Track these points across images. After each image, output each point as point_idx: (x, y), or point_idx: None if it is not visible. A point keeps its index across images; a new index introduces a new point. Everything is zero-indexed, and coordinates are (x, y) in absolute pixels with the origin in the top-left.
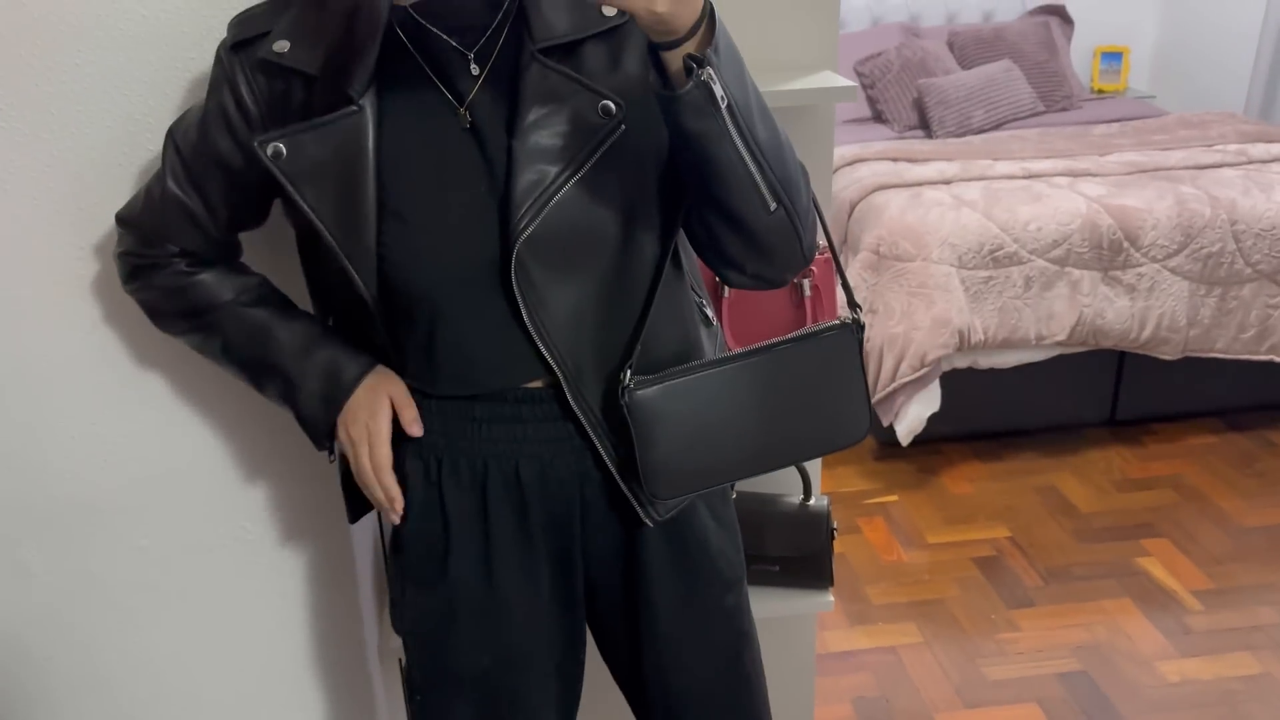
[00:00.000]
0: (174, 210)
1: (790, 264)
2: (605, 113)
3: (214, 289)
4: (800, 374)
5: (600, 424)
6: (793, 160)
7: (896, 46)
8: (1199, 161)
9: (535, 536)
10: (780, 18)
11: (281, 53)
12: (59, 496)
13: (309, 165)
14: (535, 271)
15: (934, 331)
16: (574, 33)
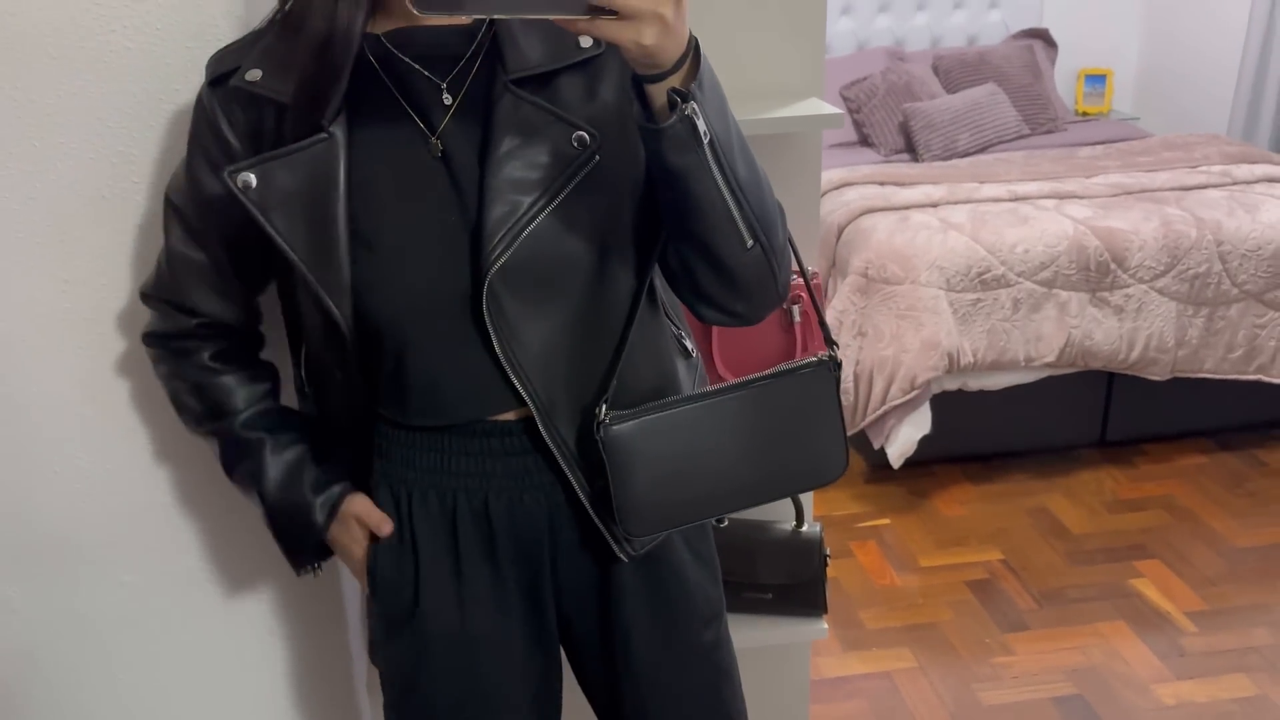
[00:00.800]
0: (183, 270)
1: (765, 302)
2: (579, 143)
3: (230, 394)
4: (776, 411)
5: (574, 458)
6: (771, 198)
7: (882, 71)
8: (1184, 183)
9: (505, 570)
10: (767, 45)
11: (254, 81)
12: (41, 532)
13: (279, 194)
14: (507, 303)
15: (923, 354)
16: (548, 64)
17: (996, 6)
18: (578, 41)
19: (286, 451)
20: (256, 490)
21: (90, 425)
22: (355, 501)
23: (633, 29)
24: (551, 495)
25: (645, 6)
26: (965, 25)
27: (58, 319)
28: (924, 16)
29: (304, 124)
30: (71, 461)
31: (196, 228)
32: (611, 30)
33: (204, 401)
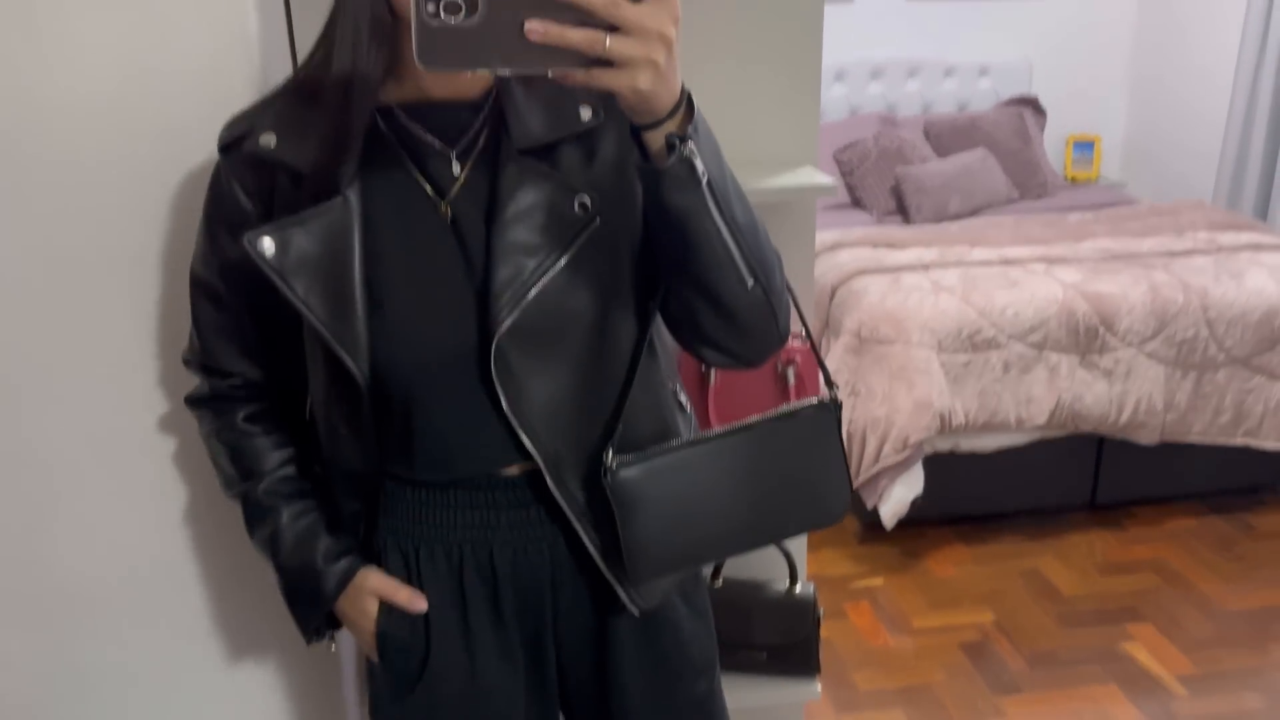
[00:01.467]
0: (212, 335)
1: (766, 342)
2: (581, 207)
3: (256, 458)
4: (780, 452)
5: (581, 509)
6: (768, 243)
7: (874, 135)
8: (1171, 249)
9: (509, 622)
10: (762, 114)
11: (269, 146)
12: (46, 584)
13: (296, 258)
14: (515, 361)
15: (915, 414)
16: (549, 135)
17: (986, 74)
18: (578, 114)
19: (300, 520)
20: (272, 556)
21: (100, 481)
22: (370, 576)
23: (628, 76)
24: (554, 547)
25: (638, 53)
26: (956, 92)
27: (73, 374)
28: (915, 83)
29: (320, 188)
30: (80, 516)
31: (220, 294)
32: (607, 78)
33: (234, 464)
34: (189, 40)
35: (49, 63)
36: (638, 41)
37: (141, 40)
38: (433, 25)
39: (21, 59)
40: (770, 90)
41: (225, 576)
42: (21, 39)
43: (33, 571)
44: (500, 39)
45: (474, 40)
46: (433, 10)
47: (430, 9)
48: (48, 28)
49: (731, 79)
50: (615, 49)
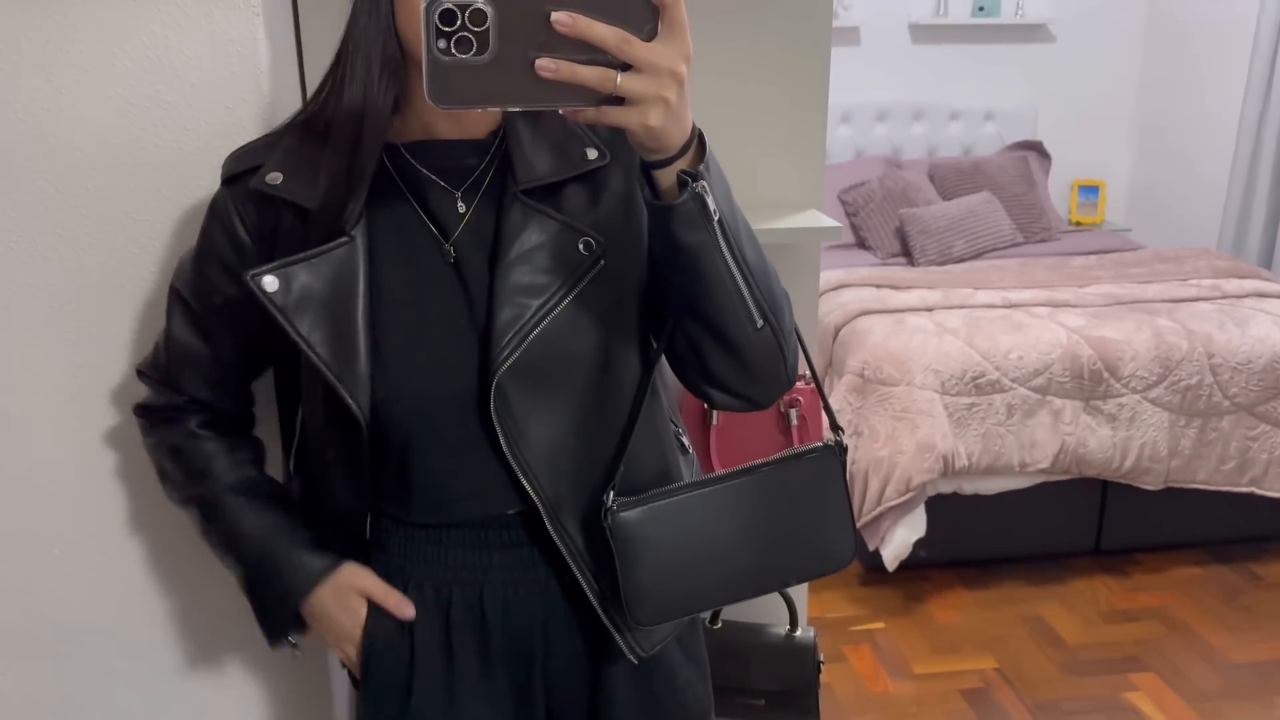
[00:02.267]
0: (181, 357)
1: (774, 384)
2: (586, 248)
3: (212, 459)
4: (784, 496)
5: (580, 552)
6: (778, 283)
7: (879, 177)
8: (1175, 295)
9: (496, 666)
10: (769, 157)
11: (275, 184)
12: (34, 614)
13: (300, 296)
14: (515, 402)
15: (918, 456)
16: (554, 175)
17: (992, 119)
18: (584, 154)
19: (269, 514)
20: (233, 552)
21: (90, 510)
22: (359, 574)
23: (639, 113)
24: (546, 589)
25: (649, 90)
26: (961, 136)
27: (65, 403)
28: (920, 127)
29: (328, 227)
30: (70, 545)
31: (200, 321)
32: (618, 115)
33: (186, 466)
34: (198, 74)
35: (60, 94)
36: (649, 79)
37: (151, 73)
38: (444, 62)
39: (33, 90)
40: (777, 133)
41: (214, 611)
42: (33, 71)
43: (19, 603)
44: (511, 76)
45: (485, 77)
46: (444, 47)
47: (441, 45)
48: (59, 60)
49: (738, 121)
50: (626, 86)
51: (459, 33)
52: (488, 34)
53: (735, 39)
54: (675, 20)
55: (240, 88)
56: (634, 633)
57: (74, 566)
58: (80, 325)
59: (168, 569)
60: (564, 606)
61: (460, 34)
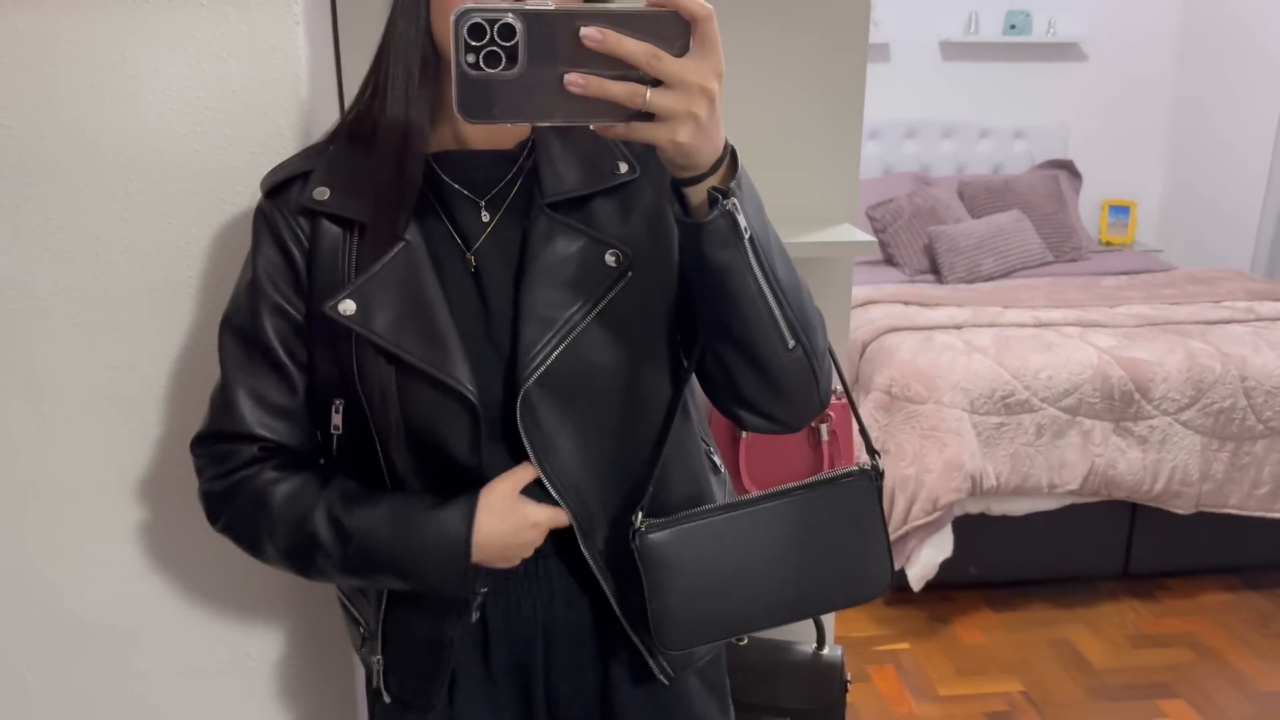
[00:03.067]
0: (243, 398)
1: (806, 407)
2: (614, 260)
3: (302, 493)
4: (817, 521)
5: (609, 571)
6: (810, 303)
7: (908, 194)
8: (1208, 317)
9: (497, 674)
10: (803, 171)
11: (323, 199)
12: (63, 614)
13: (380, 310)
14: (544, 416)
15: (946, 475)
16: (583, 188)
17: (1022, 137)
18: (614, 167)
19: (383, 504)
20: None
21: (123, 512)
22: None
23: (668, 129)
24: (548, 604)
25: (679, 106)
26: (990, 154)
27: (101, 404)
28: (950, 144)
29: (382, 238)
30: (102, 546)
31: (264, 350)
32: (647, 132)
33: (278, 507)
34: (238, 81)
35: (103, 99)
36: (679, 95)
37: (192, 79)
38: (473, 76)
39: (76, 95)
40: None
41: (241, 612)
42: (76, 75)
43: (49, 602)
44: (540, 91)
45: (514, 92)
46: (473, 61)
47: (470, 60)
48: (102, 65)
49: (774, 134)
50: (656, 102)
51: (488, 47)
52: (517, 49)
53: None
54: (707, 36)
55: (279, 95)
56: (665, 655)
57: (104, 568)
58: (116, 328)
59: (197, 572)
60: (568, 625)
61: (489, 48)
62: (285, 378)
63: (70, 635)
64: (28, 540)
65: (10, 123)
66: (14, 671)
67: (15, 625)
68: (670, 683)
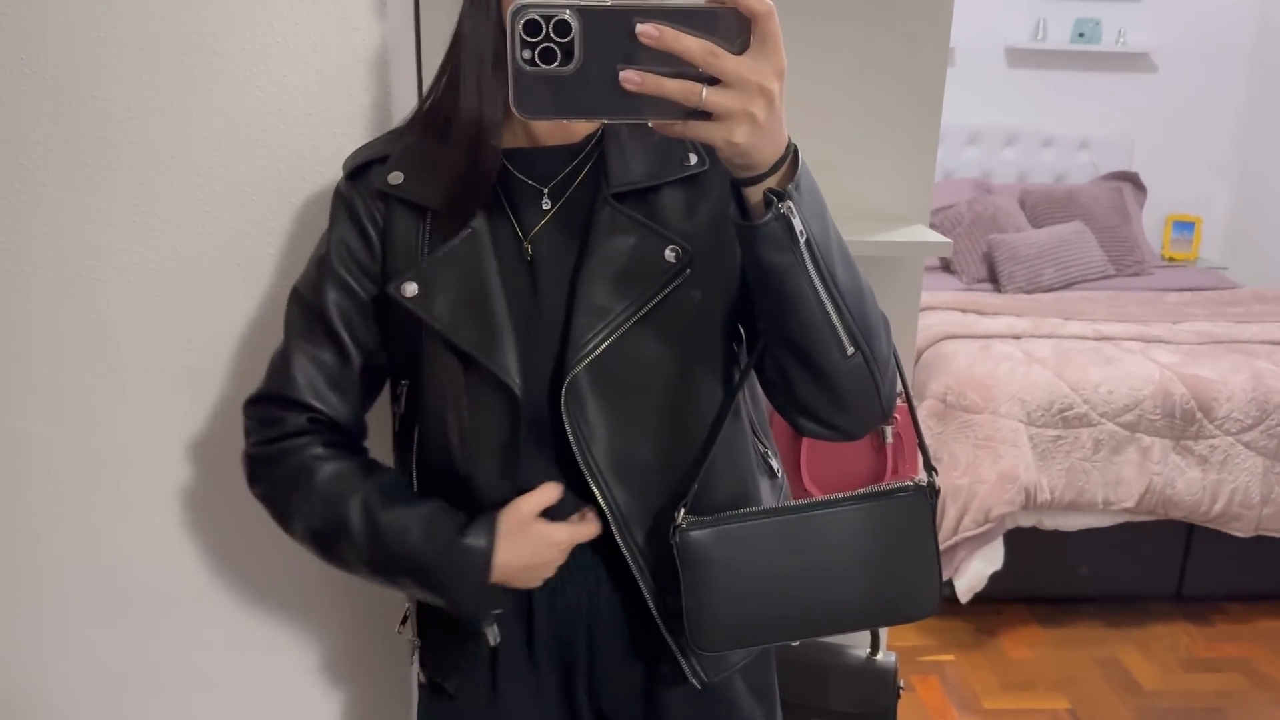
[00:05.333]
0: (300, 365)
1: (867, 416)
2: (674, 256)
3: (343, 480)
4: (864, 535)
5: (646, 568)
6: (874, 308)
7: (968, 201)
8: (1275, 337)
9: (541, 659)
10: (876, 171)
11: (396, 184)
12: (131, 579)
13: (441, 294)
14: (590, 406)
15: (999, 487)
16: (649, 179)
17: (1086, 148)
18: (685, 158)
19: (424, 504)
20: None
21: (195, 483)
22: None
23: (724, 129)
24: (594, 593)
25: (735, 106)
26: (1053, 163)
27: (176, 375)
28: (1012, 152)
29: (453, 224)
30: (171, 514)
31: (318, 316)
32: (704, 130)
33: (318, 486)
34: (322, 59)
35: (192, 74)
36: (737, 94)
37: (279, 57)
38: (529, 72)
39: (167, 69)
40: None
41: (304, 585)
42: (167, 50)
43: (121, 568)
44: (596, 88)
45: (570, 89)
46: (528, 57)
47: (525, 56)
48: (192, 40)
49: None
50: (712, 101)
51: (543, 43)
52: (572, 45)
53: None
54: (768, 33)
55: (361, 75)
56: (699, 657)
57: (174, 538)
58: (196, 300)
59: (265, 547)
60: (612, 616)
61: (545, 44)
62: (343, 353)
63: (138, 602)
64: (100, 507)
65: (101, 94)
66: (82, 634)
67: (84, 589)
68: (715, 686)
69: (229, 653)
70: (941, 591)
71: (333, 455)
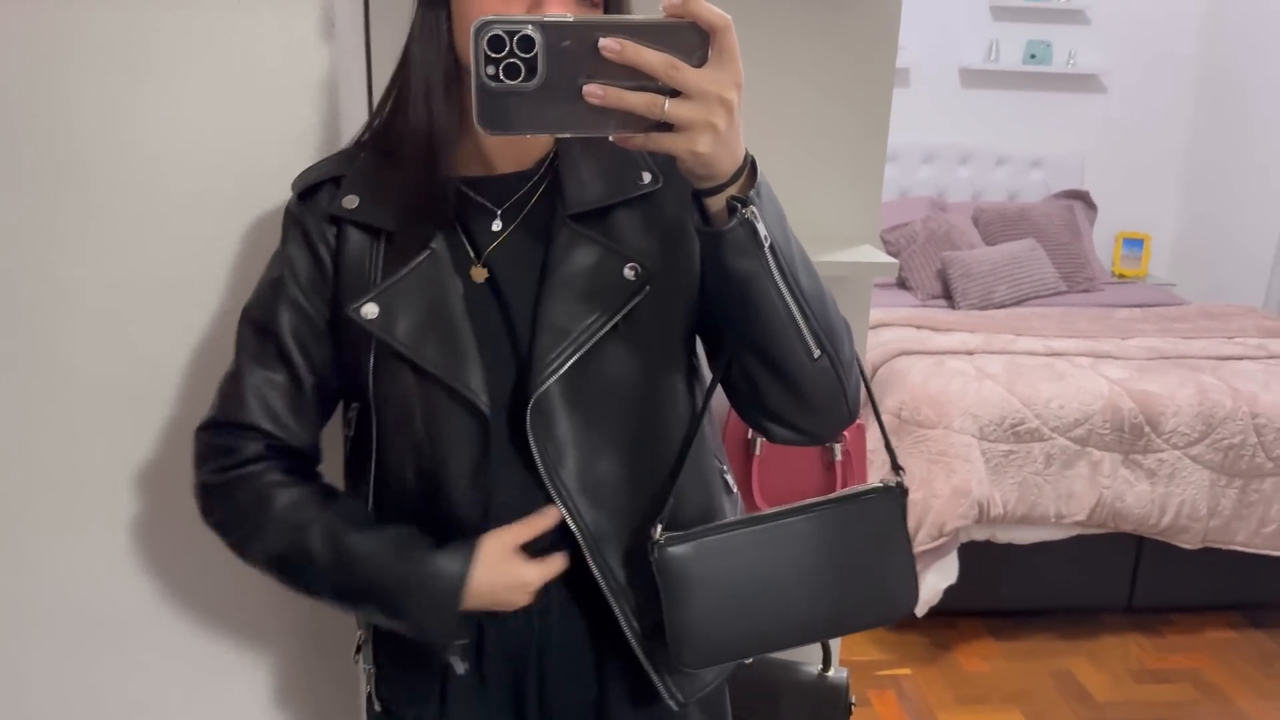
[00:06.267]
0: (251, 388)
1: (835, 418)
2: (633, 274)
3: (306, 503)
4: (841, 538)
5: (620, 589)
6: (835, 311)
7: (923, 219)
8: (1220, 352)
9: (491, 682)
10: (825, 192)
11: (352, 209)
12: (70, 604)
13: (402, 316)
14: (556, 427)
15: (953, 501)
16: (605, 199)
17: (1039, 166)
18: (638, 177)
19: (386, 531)
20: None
21: (137, 505)
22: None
23: (686, 139)
24: (544, 616)
25: (697, 117)
26: (1006, 181)
27: (121, 397)
28: (966, 170)
29: (410, 247)
30: (112, 538)
31: (271, 337)
32: (666, 142)
33: (277, 513)
34: (271, 79)
35: (137, 92)
36: (698, 105)
37: (226, 76)
38: (493, 88)
39: (112, 86)
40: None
41: (246, 610)
42: (112, 66)
43: (56, 590)
44: (560, 102)
45: (533, 104)
46: (492, 73)
47: (490, 72)
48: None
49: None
50: (674, 113)
51: (507, 59)
52: (536, 60)
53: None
54: (726, 46)
55: (310, 95)
56: (676, 676)
57: (113, 560)
58: (141, 322)
59: (206, 569)
60: (564, 639)
61: (509, 60)
62: (296, 376)
63: (73, 626)
64: (37, 528)
65: (45, 115)
66: (13, 659)
67: (18, 613)
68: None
69: (169, 676)
70: (918, 588)
71: (290, 482)
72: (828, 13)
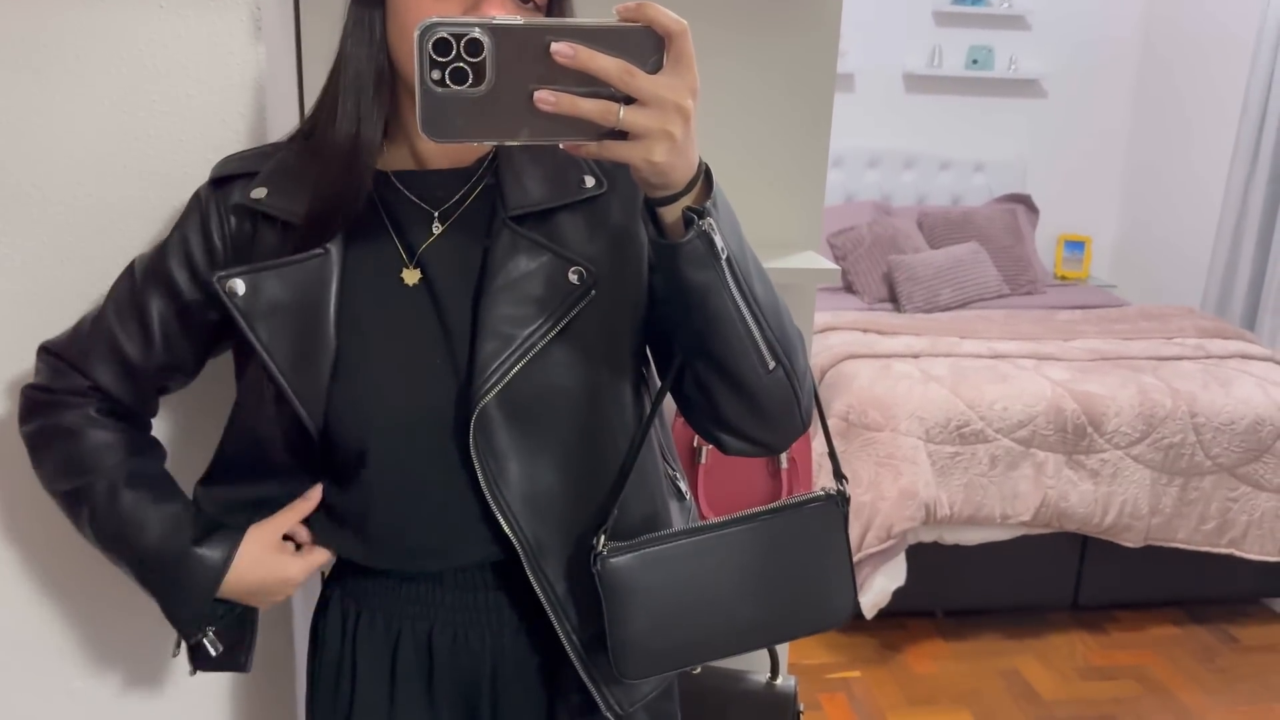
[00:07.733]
0: (103, 340)
1: (789, 428)
2: (577, 278)
3: (109, 448)
4: (783, 547)
5: (559, 601)
6: (790, 323)
7: (869, 223)
8: (1160, 353)
9: (440, 704)
10: (766, 197)
11: (259, 199)
12: None
13: (266, 304)
14: (498, 439)
15: (901, 503)
16: (547, 202)
17: (981, 170)
18: (580, 181)
19: (167, 505)
20: (125, 545)
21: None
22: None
23: (642, 148)
24: (497, 636)
25: (654, 125)
26: (950, 186)
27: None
28: (911, 175)
29: (306, 241)
30: (34, 559)
31: (140, 300)
32: (621, 150)
33: (77, 451)
34: (195, 84)
35: (51, 97)
36: (653, 112)
37: (147, 80)
38: (438, 94)
39: (23, 91)
40: (777, 173)
41: None
42: (24, 71)
43: None
44: (509, 109)
45: (482, 110)
46: (438, 78)
47: (435, 76)
48: (52, 62)
49: (739, 159)
50: (629, 120)
51: (454, 63)
52: (484, 65)
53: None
54: (682, 52)
55: (237, 101)
56: (615, 687)
57: (36, 583)
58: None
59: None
60: (516, 656)
61: (455, 64)
62: (149, 347)
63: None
64: None
65: None
66: None
67: None
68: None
69: (97, 703)
70: (856, 598)
71: (108, 425)
72: (767, 16)
